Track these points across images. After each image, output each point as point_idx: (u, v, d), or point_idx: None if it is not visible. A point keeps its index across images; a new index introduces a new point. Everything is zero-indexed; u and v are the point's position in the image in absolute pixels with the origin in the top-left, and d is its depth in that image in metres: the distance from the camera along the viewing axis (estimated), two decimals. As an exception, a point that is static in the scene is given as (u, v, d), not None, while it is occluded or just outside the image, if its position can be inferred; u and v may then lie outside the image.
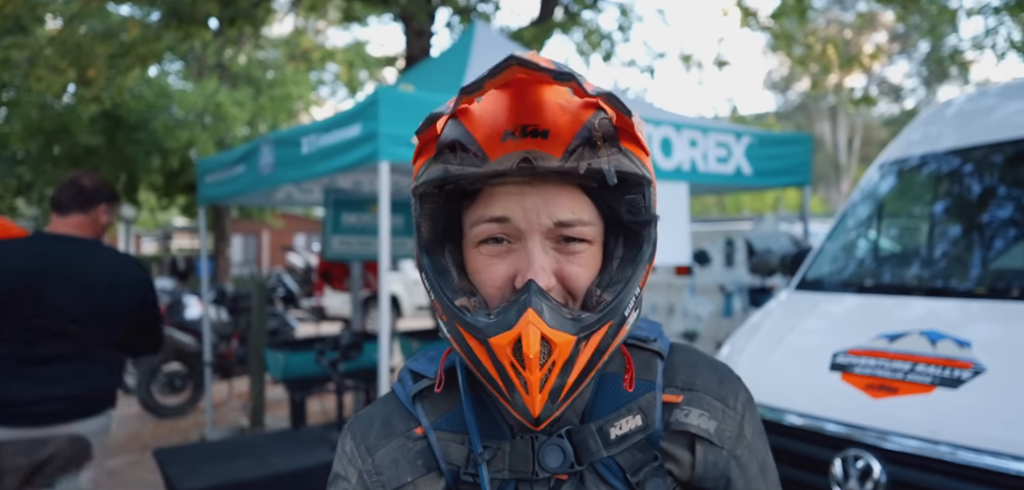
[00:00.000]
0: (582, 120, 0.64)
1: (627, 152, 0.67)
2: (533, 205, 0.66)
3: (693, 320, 5.90)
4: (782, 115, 31.35)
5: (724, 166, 4.13)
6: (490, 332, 0.63)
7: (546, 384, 0.63)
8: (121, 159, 12.59)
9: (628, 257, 0.72)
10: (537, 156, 0.63)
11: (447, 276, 0.72)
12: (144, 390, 6.51)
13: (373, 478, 0.76)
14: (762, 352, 2.98)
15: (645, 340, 0.80)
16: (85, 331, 2.50)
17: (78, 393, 2.47)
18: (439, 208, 0.71)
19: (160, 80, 12.86)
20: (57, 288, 2.46)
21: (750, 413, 0.80)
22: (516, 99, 0.65)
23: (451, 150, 0.66)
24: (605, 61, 9.04)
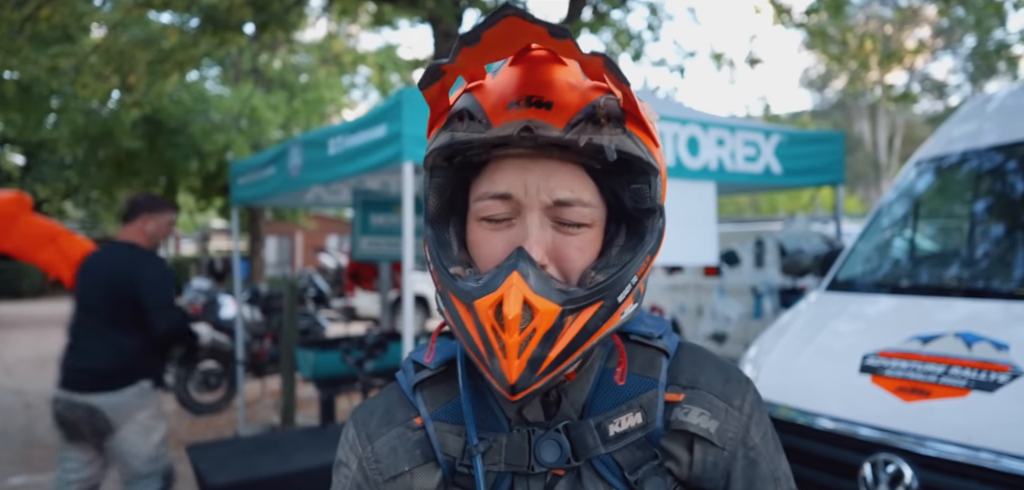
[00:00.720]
0: (589, 99, 0.65)
1: (632, 135, 0.66)
2: (534, 180, 0.66)
3: (722, 321, 5.80)
4: (819, 113, 30.69)
5: (753, 165, 4.06)
6: (475, 295, 0.64)
7: (525, 350, 0.62)
8: (161, 162, 12.97)
9: (628, 245, 0.71)
10: (539, 126, 0.64)
11: (447, 248, 0.73)
12: (181, 388, 6.69)
13: (372, 466, 0.77)
14: (790, 353, 2.91)
15: (649, 337, 0.79)
16: (97, 315, 3.10)
17: (90, 368, 3.04)
18: (447, 182, 0.72)
19: (198, 85, 13.22)
20: (88, 281, 3.16)
21: (759, 416, 0.78)
22: (526, 73, 0.66)
23: (459, 118, 0.67)
24: (634, 61, 8.97)
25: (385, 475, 0.76)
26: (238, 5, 6.82)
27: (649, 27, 9.29)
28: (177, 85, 11.14)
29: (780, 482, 0.77)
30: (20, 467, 5.34)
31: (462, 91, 0.69)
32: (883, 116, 27.50)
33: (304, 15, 9.01)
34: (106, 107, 12.17)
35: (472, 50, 0.59)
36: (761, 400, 0.80)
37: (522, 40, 0.60)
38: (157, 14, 9.65)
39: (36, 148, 18.18)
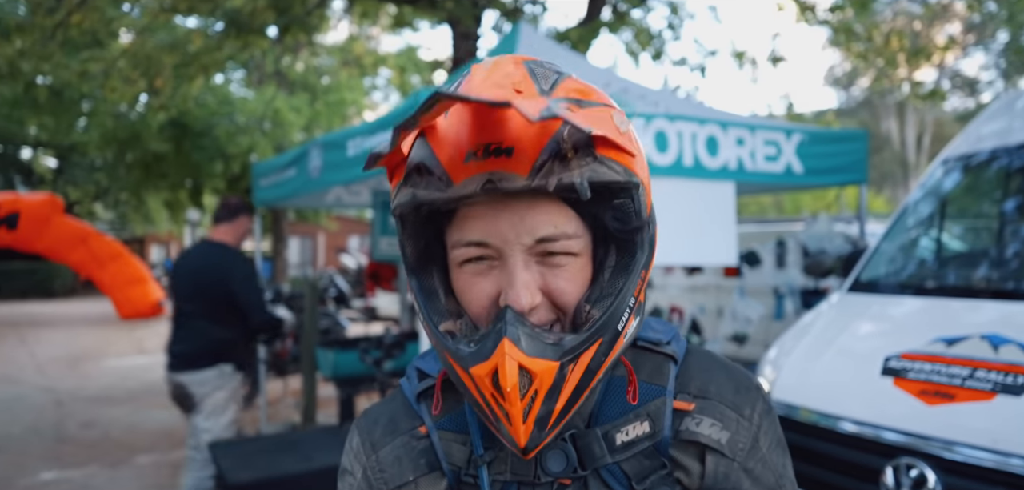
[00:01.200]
0: (550, 131, 0.59)
1: (604, 159, 0.61)
2: (510, 224, 0.63)
3: (742, 323, 5.74)
4: (844, 112, 30.17)
5: (773, 165, 4.00)
6: (470, 362, 0.62)
7: (530, 414, 0.61)
8: (187, 165, 13.20)
9: (620, 266, 0.67)
10: (501, 177, 0.59)
11: (434, 298, 0.70)
12: (205, 385, 6.80)
13: (377, 475, 0.76)
14: (810, 354, 2.87)
15: (657, 343, 0.77)
16: (191, 305, 3.55)
17: (182, 352, 3.55)
18: (420, 229, 0.69)
19: (223, 88, 13.43)
20: (183, 276, 3.66)
21: (767, 424, 0.76)
22: (479, 117, 0.61)
23: (418, 173, 0.63)
24: (655, 60, 8.91)
25: (390, 484, 0.75)
26: (261, 8, 6.91)
27: (670, 26, 9.23)
28: (202, 88, 11.33)
29: (784, 488, 0.76)
30: (51, 462, 5.48)
31: (415, 136, 0.65)
32: (911, 114, 26.94)
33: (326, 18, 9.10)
34: (134, 110, 12.44)
35: (408, 133, 0.57)
36: (770, 406, 0.78)
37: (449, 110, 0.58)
38: (183, 19, 9.84)
39: (68, 151, 18.64)
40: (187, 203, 15.70)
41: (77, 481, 5.03)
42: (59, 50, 8.58)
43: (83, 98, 12.36)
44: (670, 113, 3.71)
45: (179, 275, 3.68)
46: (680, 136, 3.61)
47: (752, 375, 0.81)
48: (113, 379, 8.89)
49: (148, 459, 5.52)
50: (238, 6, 6.96)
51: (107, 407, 7.31)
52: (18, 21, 8.81)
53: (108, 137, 12.53)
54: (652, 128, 3.53)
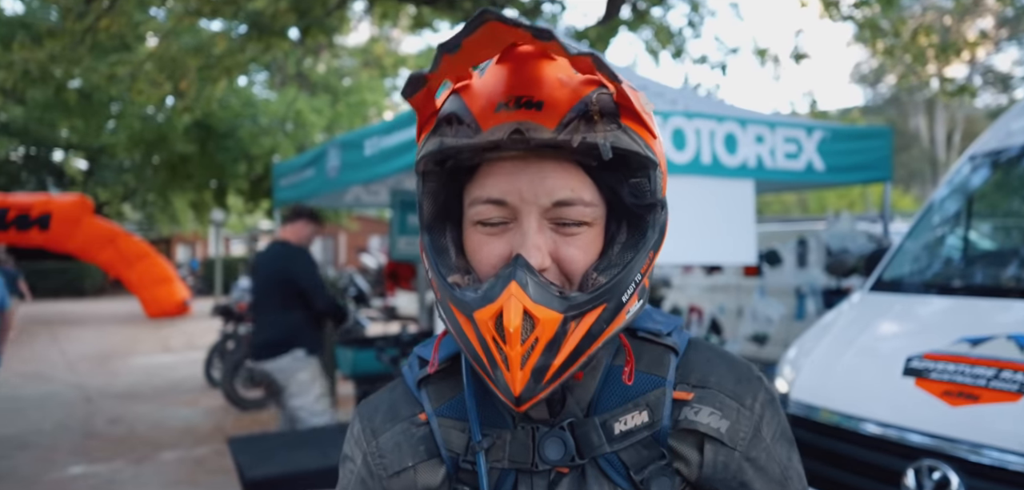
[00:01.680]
0: (580, 94, 0.62)
1: (628, 130, 0.64)
2: (529, 183, 0.64)
3: (763, 323, 5.66)
4: (871, 109, 29.63)
5: (794, 162, 3.94)
6: (474, 305, 0.63)
7: (528, 361, 0.61)
8: (211, 166, 13.42)
9: (630, 242, 0.69)
10: (529, 127, 0.61)
11: (445, 255, 0.71)
12: (228, 384, 6.90)
13: (376, 460, 0.77)
14: (830, 354, 2.82)
15: (658, 334, 0.76)
16: (265, 299, 3.97)
17: (260, 341, 3.98)
18: (440, 186, 0.70)
19: (246, 90, 13.63)
20: (258, 272, 4.14)
21: (771, 415, 0.75)
22: (514, 72, 0.63)
23: (448, 123, 0.65)
24: (675, 58, 8.83)
25: (389, 470, 0.76)
26: (282, 11, 6.99)
27: (690, 24, 9.14)
28: (226, 90, 11.50)
29: (791, 481, 0.75)
30: (79, 457, 5.60)
31: (449, 93, 0.67)
32: (941, 111, 26.36)
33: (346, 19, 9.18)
34: (161, 113, 12.68)
35: (453, 57, 0.57)
36: (773, 398, 0.77)
37: (504, 42, 0.59)
38: (207, 22, 10.00)
39: (97, 153, 19.05)
40: (212, 204, 15.97)
41: (103, 476, 5.14)
42: (88, 54, 8.78)
43: (111, 101, 12.64)
44: (688, 111, 3.68)
45: (254, 273, 4.21)
46: (698, 134, 3.58)
47: (754, 367, 0.79)
48: (140, 376, 9.07)
49: (172, 455, 5.61)
50: (260, 9, 7.05)
51: (133, 404, 7.46)
52: (49, 26, 9.06)
53: (136, 139, 12.79)
54: (670, 126, 3.50)
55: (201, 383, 8.10)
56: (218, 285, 17.37)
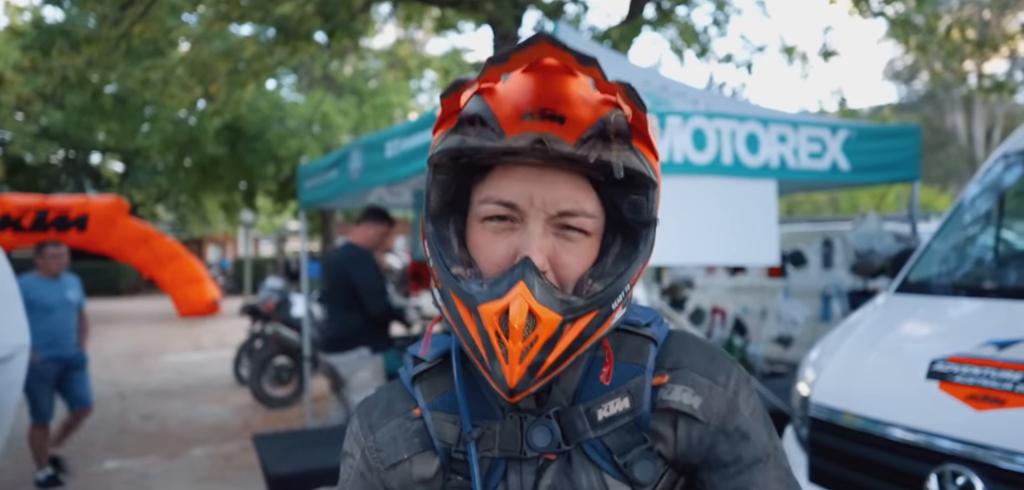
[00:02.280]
0: (599, 113, 0.66)
1: (637, 151, 0.68)
2: (540, 191, 0.68)
3: (787, 324, 5.57)
4: (905, 107, 28.94)
5: (818, 162, 3.88)
6: (480, 299, 0.66)
7: (527, 357, 0.65)
8: (241, 167, 13.68)
9: (623, 254, 0.73)
10: (551, 139, 0.65)
11: (448, 245, 0.74)
12: (255, 382, 7.03)
13: (374, 454, 0.81)
14: (852, 356, 2.78)
15: (636, 325, 0.80)
16: (332, 298, 4.21)
17: (329, 336, 4.23)
18: (450, 180, 0.73)
19: (274, 94, 13.86)
20: (327, 272, 4.41)
21: (746, 393, 0.78)
22: (540, 84, 0.67)
23: (470, 123, 0.68)
24: (699, 58, 8.75)
25: (386, 463, 0.80)
26: (308, 15, 7.11)
27: (715, 22, 9.05)
28: (255, 94, 11.71)
29: (771, 456, 0.76)
30: (113, 452, 5.76)
31: (472, 93, 0.70)
32: (980, 108, 25.63)
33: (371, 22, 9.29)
34: (192, 116, 12.97)
35: (499, 68, 0.61)
36: (748, 380, 0.80)
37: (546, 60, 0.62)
38: (237, 27, 10.20)
39: (132, 156, 19.55)
40: (241, 205, 16.27)
41: (136, 471, 5.28)
42: (123, 60, 9.03)
43: (145, 105, 12.98)
44: (709, 111, 3.65)
45: (325, 271, 4.51)
46: (719, 134, 3.55)
47: (727, 353, 0.82)
48: (171, 374, 9.29)
49: (202, 451, 5.74)
50: (287, 13, 7.18)
51: (165, 401, 7.65)
52: (87, 33, 9.32)
53: (168, 142, 13.10)
54: (690, 126, 3.48)
55: (230, 381, 8.27)
56: (247, 285, 17.69)
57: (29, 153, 19.72)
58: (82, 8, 12.13)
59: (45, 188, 21.25)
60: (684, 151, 3.43)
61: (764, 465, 0.75)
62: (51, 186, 22.27)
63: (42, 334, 4.45)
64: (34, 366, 4.35)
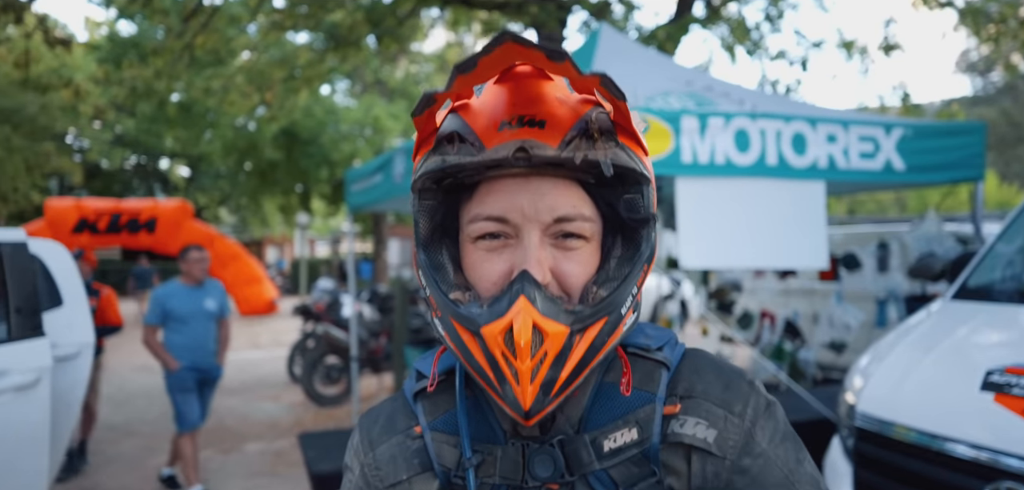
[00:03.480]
0: (580, 113, 0.64)
1: (624, 147, 0.65)
2: (530, 200, 0.65)
3: (840, 330, 5.35)
4: (981, 100, 27.37)
5: (870, 162, 3.73)
6: (481, 321, 0.63)
7: (538, 375, 0.62)
8: (296, 171, 14.12)
9: (626, 256, 0.70)
10: (533, 145, 0.63)
11: (443, 271, 0.71)
12: (307, 381, 7.24)
13: (373, 472, 0.78)
14: (902, 365, 2.65)
15: (647, 349, 0.76)
16: None
17: None
18: (437, 204, 0.71)
19: (329, 99, 14.26)
20: None
21: (765, 421, 0.72)
22: (515, 91, 0.64)
23: (449, 141, 0.65)
24: (750, 55, 8.52)
25: (385, 482, 0.77)
26: (358, 22, 7.28)
27: (768, 18, 8.80)
28: (309, 99, 12.06)
29: (799, 485, 0.70)
30: (174, 444, 6.03)
31: (447, 112, 0.67)
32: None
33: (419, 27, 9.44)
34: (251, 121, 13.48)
35: (467, 76, 0.58)
36: (770, 404, 0.74)
37: (516, 63, 0.60)
38: (293, 35, 10.55)
39: (197, 161, 20.47)
40: (297, 207, 16.77)
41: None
42: (186, 70, 9.48)
43: (208, 112, 13.58)
44: (753, 111, 3.56)
45: None
46: (763, 134, 3.45)
47: (747, 374, 0.76)
48: (230, 371, 9.64)
49: (256, 447, 5.95)
50: (337, 21, 7.37)
51: (224, 397, 7.95)
52: (155, 45, 9.84)
53: (229, 147, 13.64)
54: (732, 127, 3.40)
55: (284, 379, 8.54)
56: (302, 285, 18.22)
57: (105, 159, 20.93)
58: (151, 21, 12.80)
59: (119, 192, 22.47)
60: (726, 152, 3.35)
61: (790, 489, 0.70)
62: (124, 190, 23.53)
63: (179, 344, 4.45)
64: (173, 374, 4.44)
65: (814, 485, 0.71)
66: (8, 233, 3.10)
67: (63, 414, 3.32)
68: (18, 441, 2.92)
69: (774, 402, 0.75)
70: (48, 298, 3.40)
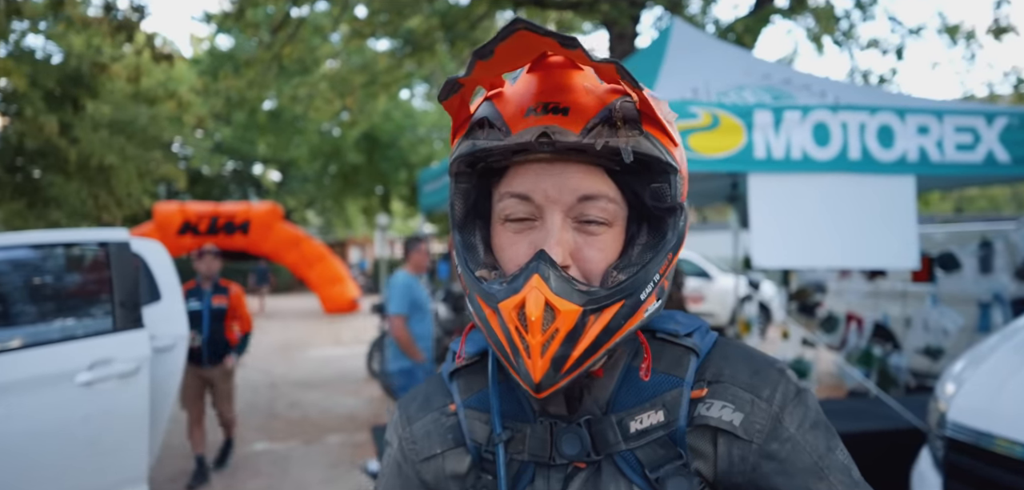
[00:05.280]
0: (605, 102, 0.66)
1: (649, 136, 0.67)
2: (554, 183, 0.68)
3: (937, 334, 4.96)
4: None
5: (969, 155, 3.46)
6: (500, 297, 0.66)
7: (548, 350, 0.64)
8: (377, 174, 14.62)
9: (650, 243, 0.71)
10: (556, 131, 0.65)
11: (474, 251, 0.75)
12: (384, 376, 7.48)
13: (409, 445, 0.83)
14: (1002, 371, 2.45)
15: (676, 335, 0.77)
16: None
17: None
18: (471, 187, 0.74)
19: (407, 103, 14.68)
20: None
21: (794, 407, 0.72)
22: (543, 80, 0.67)
23: (480, 126, 0.69)
24: (839, 46, 8.08)
25: (420, 456, 0.82)
26: (433, 27, 7.46)
27: (858, 5, 8.32)
28: (388, 104, 12.45)
29: (829, 473, 0.70)
30: (263, 435, 6.38)
31: (482, 99, 0.71)
32: None
33: (493, 31, 9.56)
34: (335, 126, 14.09)
35: (486, 63, 0.60)
36: (800, 390, 0.74)
37: (534, 51, 0.62)
38: (374, 42, 10.94)
39: (287, 165, 21.58)
40: (378, 208, 17.35)
41: (280, 453, 5.81)
42: (275, 79, 10.03)
43: (295, 119, 14.30)
44: (834, 104, 3.38)
45: None
46: (844, 127, 3.28)
47: (778, 361, 0.76)
48: (314, 366, 10.11)
49: (336, 439, 6.20)
50: (413, 26, 7.58)
51: (308, 391, 8.34)
52: (247, 56, 10.48)
53: (314, 151, 14.31)
54: (809, 121, 3.24)
55: (364, 374, 8.85)
56: (383, 284, 18.84)
57: (206, 165, 22.43)
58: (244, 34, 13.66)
59: (218, 196, 23.99)
60: (803, 147, 3.20)
61: (820, 478, 0.69)
62: (223, 194, 25.10)
63: (421, 334, 4.39)
64: (418, 367, 4.38)
65: (845, 473, 0.71)
66: (113, 233, 3.39)
67: (160, 401, 3.59)
68: (122, 424, 3.19)
69: (805, 389, 0.75)
70: (148, 293, 3.69)
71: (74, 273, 3.61)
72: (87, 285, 3.55)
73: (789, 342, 6.47)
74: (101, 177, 14.55)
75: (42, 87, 13.10)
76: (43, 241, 3.43)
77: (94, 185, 14.62)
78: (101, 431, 3.10)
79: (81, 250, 3.57)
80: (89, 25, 8.17)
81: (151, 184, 16.46)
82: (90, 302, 3.46)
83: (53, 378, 3.03)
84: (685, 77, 3.84)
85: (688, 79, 3.77)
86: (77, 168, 14.05)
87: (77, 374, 3.07)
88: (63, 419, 3.02)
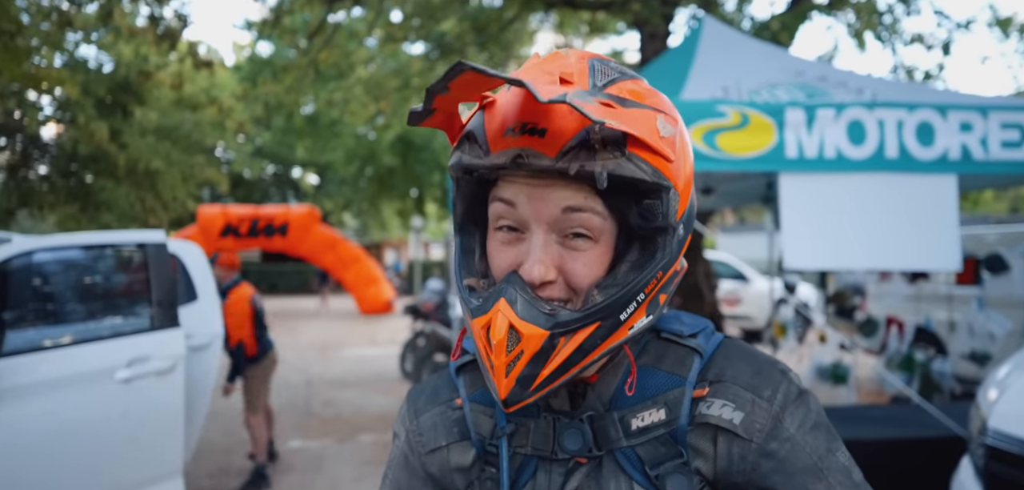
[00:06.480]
0: (586, 123, 0.63)
1: (633, 157, 0.64)
2: (538, 196, 0.67)
3: (983, 339, 4.76)
4: None
5: (1015, 152, 3.31)
6: (473, 315, 0.68)
7: (513, 370, 0.65)
8: (411, 177, 14.79)
9: (638, 263, 0.69)
10: (530, 154, 0.64)
11: (470, 256, 0.76)
12: (416, 377, 7.55)
13: (416, 438, 0.85)
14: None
15: (680, 335, 0.78)
16: None
17: None
18: (470, 191, 0.74)
19: (441, 107, 14.79)
20: None
21: (795, 408, 0.72)
22: (527, 99, 0.66)
23: (467, 140, 0.69)
24: (880, 41, 7.84)
25: (426, 447, 0.83)
26: (464, 31, 7.51)
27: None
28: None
29: (828, 474, 0.70)
30: (298, 433, 6.51)
31: (476, 109, 0.72)
32: None
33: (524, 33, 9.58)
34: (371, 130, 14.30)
35: (443, 98, 0.61)
36: (802, 392, 0.73)
37: (487, 86, 0.62)
38: (409, 46, 11.07)
39: (324, 169, 22.00)
40: (413, 211, 17.53)
41: (315, 451, 5.92)
42: (312, 85, 10.22)
43: (332, 123, 14.56)
44: (871, 101, 3.28)
45: None
46: (881, 125, 3.18)
47: (780, 363, 0.75)
48: (349, 366, 10.27)
49: (369, 438, 6.28)
50: (445, 30, 7.64)
51: (342, 390, 8.48)
52: (284, 62, 10.72)
53: (351, 155, 14.56)
54: (844, 119, 3.16)
55: (397, 375, 8.95)
56: (417, 286, 19.04)
57: (247, 169, 23.02)
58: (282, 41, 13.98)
59: (258, 199, 24.62)
60: (837, 146, 3.12)
61: (819, 478, 0.69)
62: (263, 197, 25.74)
63: None
64: None
65: (845, 475, 0.71)
66: (151, 234, 3.51)
67: (196, 399, 3.69)
68: (158, 420, 3.29)
69: (807, 392, 0.75)
70: (185, 293, 3.80)
71: (113, 273, 3.75)
72: (126, 285, 3.68)
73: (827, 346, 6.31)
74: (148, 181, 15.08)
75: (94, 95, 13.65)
76: (84, 243, 3.56)
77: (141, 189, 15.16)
78: (138, 426, 3.21)
79: (120, 251, 3.70)
80: (136, 35, 8.47)
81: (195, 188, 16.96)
82: (129, 301, 3.59)
83: (95, 374, 3.14)
84: (715, 76, 3.77)
85: (718, 78, 3.70)
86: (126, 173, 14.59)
87: (117, 371, 3.18)
88: (104, 414, 3.13)
